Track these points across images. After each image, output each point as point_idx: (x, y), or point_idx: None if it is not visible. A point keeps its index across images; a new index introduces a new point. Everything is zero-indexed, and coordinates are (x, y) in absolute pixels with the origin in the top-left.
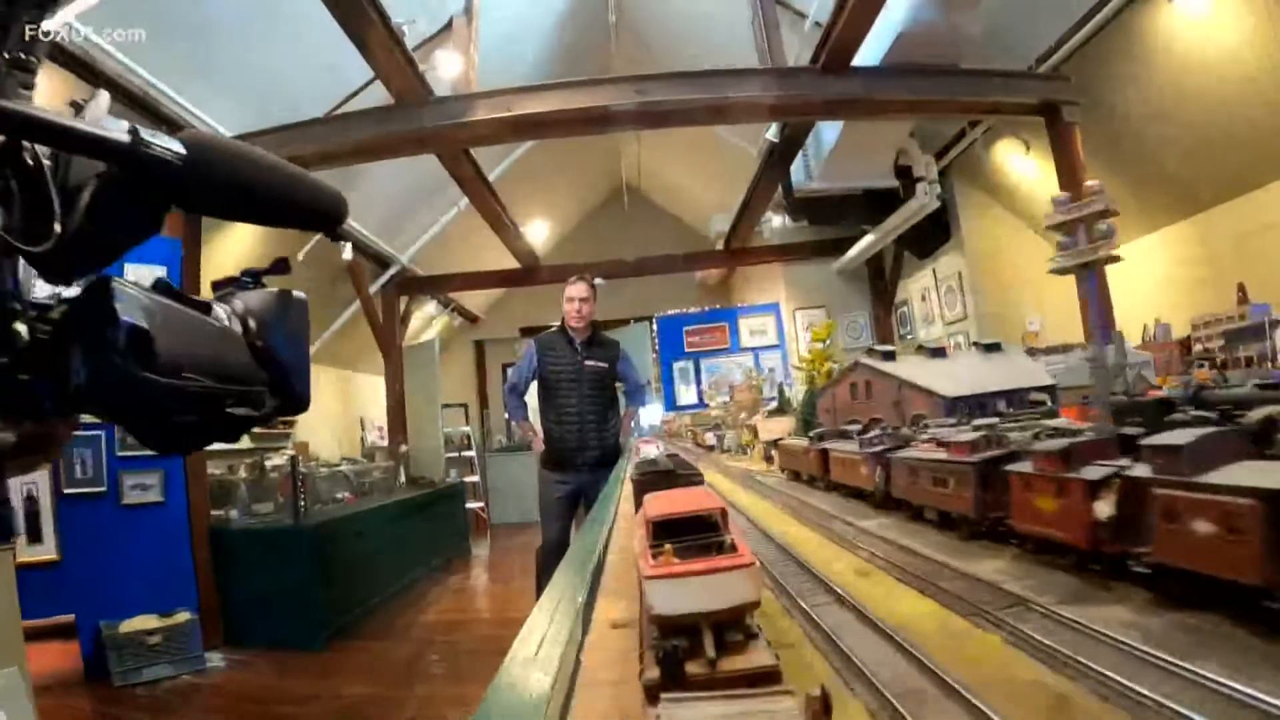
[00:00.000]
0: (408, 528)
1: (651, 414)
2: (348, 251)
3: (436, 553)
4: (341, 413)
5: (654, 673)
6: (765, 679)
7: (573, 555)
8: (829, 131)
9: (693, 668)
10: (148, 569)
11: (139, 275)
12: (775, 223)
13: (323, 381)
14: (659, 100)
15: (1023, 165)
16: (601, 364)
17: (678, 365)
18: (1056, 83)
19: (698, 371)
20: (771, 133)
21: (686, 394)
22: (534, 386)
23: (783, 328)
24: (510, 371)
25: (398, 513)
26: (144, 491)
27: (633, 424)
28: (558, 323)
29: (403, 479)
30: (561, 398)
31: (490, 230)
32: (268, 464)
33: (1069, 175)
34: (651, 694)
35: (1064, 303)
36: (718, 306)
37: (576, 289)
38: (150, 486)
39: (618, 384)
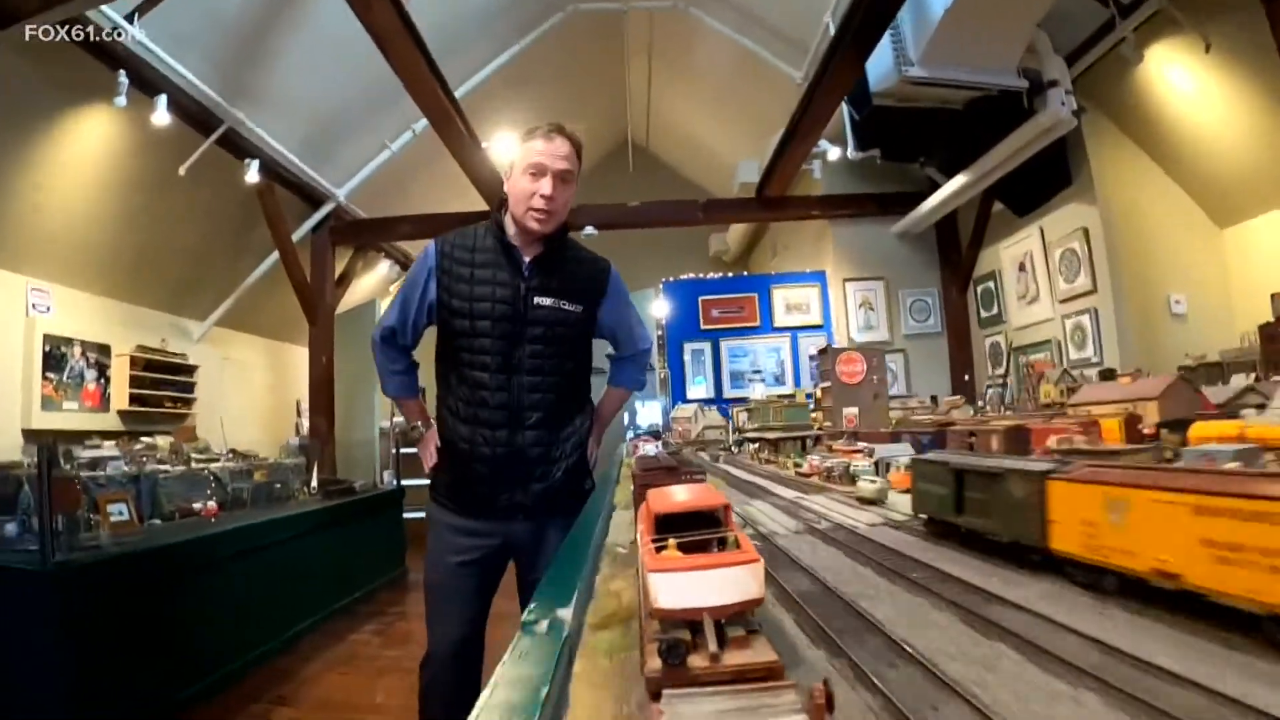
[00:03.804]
0: (300, 555)
1: (650, 411)
2: (253, 172)
3: (344, 590)
4: (271, 394)
5: (656, 666)
6: (768, 674)
7: None
8: None
9: (695, 661)
10: None
11: None
12: (832, 155)
13: (243, 353)
14: None
15: (1185, 83)
16: (570, 306)
17: (690, 347)
18: None
19: (716, 355)
20: None
21: (701, 385)
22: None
23: (829, 304)
24: (388, 308)
25: (285, 532)
26: None
27: (627, 426)
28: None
29: (314, 482)
30: (475, 366)
31: (461, 171)
32: (80, 454)
33: None
34: (654, 687)
35: (1211, 278)
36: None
37: (552, 146)
38: None
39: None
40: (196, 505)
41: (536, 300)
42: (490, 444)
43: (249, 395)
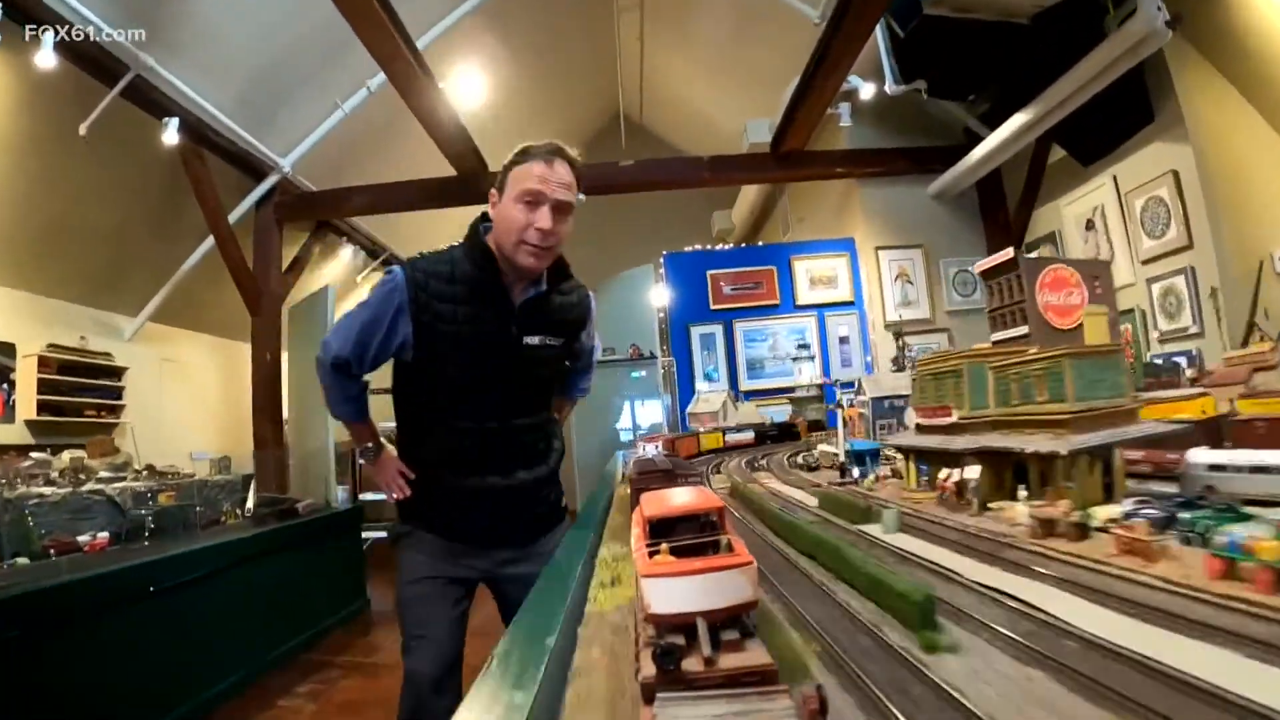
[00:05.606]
0: (221, 597)
1: (649, 410)
2: (171, 132)
3: (285, 635)
4: (224, 400)
5: (650, 671)
6: (762, 677)
7: None
8: None
9: (689, 665)
10: None
11: None
12: (865, 93)
13: (187, 352)
14: None
15: None
16: (554, 340)
17: (698, 331)
18: None
19: (730, 340)
20: None
21: (710, 379)
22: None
23: (860, 276)
24: (338, 326)
25: (198, 568)
26: None
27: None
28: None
29: (250, 502)
30: (461, 415)
31: (425, 134)
32: None
33: None
34: (648, 692)
35: None
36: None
37: (550, 172)
38: None
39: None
40: (82, 538)
41: (526, 340)
42: (479, 488)
43: (197, 401)
